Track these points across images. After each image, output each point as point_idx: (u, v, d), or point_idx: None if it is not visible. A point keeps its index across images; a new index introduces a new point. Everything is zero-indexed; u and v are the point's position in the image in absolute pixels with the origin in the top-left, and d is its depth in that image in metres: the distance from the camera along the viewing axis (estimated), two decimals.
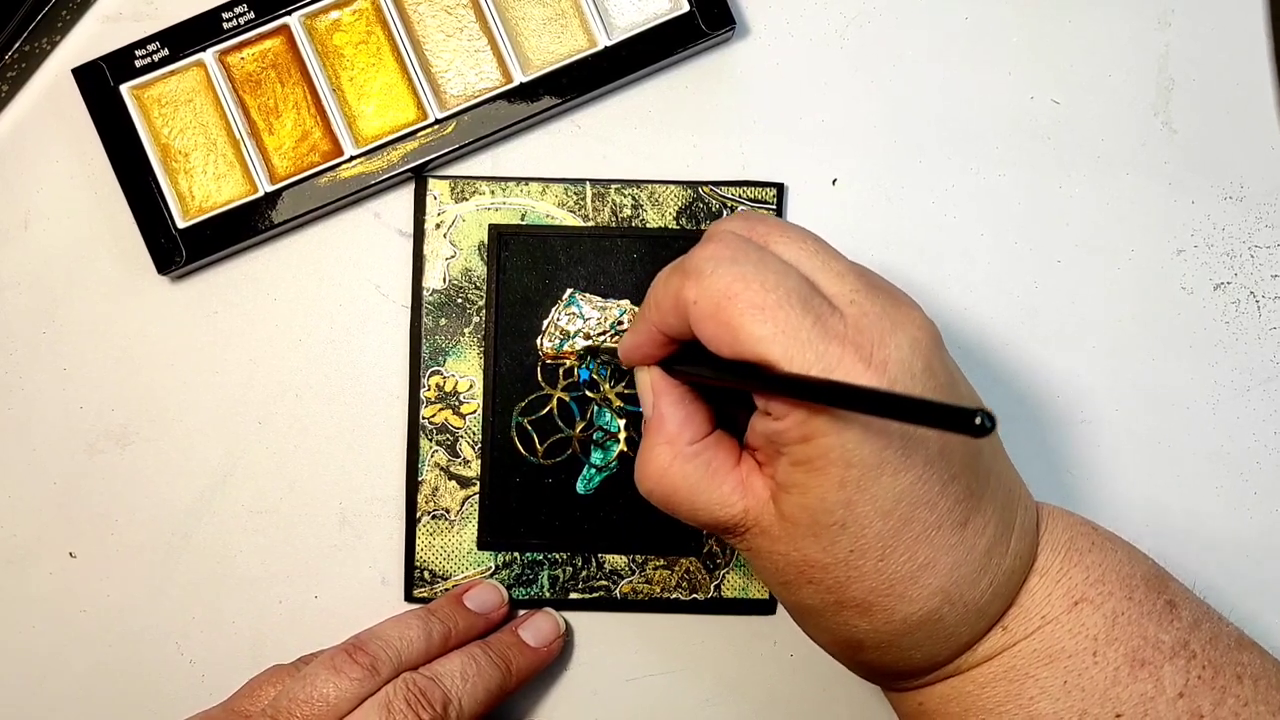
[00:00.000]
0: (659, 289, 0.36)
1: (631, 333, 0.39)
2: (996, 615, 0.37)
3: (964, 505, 0.35)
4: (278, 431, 0.47)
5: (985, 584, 0.36)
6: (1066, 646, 0.36)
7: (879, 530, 0.34)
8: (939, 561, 0.35)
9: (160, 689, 0.47)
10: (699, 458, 0.37)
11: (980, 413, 0.26)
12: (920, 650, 0.36)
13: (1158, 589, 0.37)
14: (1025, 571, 0.37)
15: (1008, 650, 0.37)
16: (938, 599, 0.35)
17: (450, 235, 0.47)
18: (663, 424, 0.38)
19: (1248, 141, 0.48)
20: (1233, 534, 0.47)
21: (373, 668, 0.41)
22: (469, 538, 0.46)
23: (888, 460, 0.33)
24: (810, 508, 0.34)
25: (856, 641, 0.37)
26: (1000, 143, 0.48)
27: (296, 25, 0.46)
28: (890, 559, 0.34)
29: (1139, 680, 0.36)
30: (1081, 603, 0.36)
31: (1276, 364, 0.47)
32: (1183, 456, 0.47)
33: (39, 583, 0.47)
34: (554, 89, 0.46)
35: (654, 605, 0.47)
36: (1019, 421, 0.47)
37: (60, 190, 0.47)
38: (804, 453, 0.34)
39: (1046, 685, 0.36)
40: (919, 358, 0.34)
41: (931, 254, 0.47)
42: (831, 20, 0.48)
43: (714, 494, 0.37)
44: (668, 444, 0.38)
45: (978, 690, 0.37)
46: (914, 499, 0.34)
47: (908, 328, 0.34)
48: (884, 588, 0.35)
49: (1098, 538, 0.38)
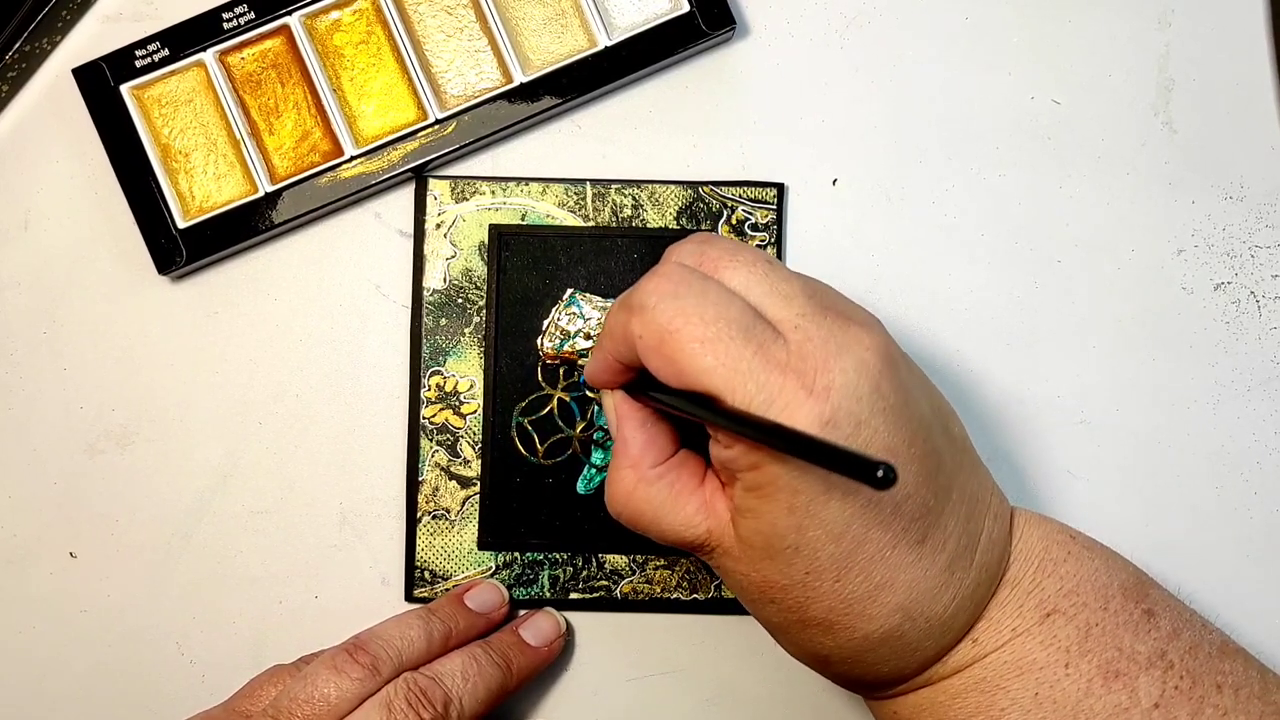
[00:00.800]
0: (610, 321, 0.37)
1: (592, 359, 0.40)
2: (963, 628, 0.36)
3: (920, 523, 0.35)
4: (278, 431, 0.47)
5: (948, 599, 0.35)
6: (1038, 658, 0.36)
7: (831, 553, 0.34)
8: (896, 580, 0.35)
9: (160, 689, 0.47)
10: (662, 480, 0.38)
11: (882, 465, 0.27)
12: (886, 664, 0.37)
13: (1135, 598, 0.37)
14: (993, 583, 0.37)
15: (978, 662, 0.37)
16: (898, 616, 0.35)
17: (450, 235, 0.47)
18: (626, 448, 0.39)
19: (1248, 141, 0.48)
20: (1233, 534, 0.47)
21: (374, 667, 0.41)
22: (469, 538, 0.46)
23: (835, 485, 0.33)
24: (764, 532, 0.35)
25: (823, 656, 0.37)
26: (1000, 143, 0.48)
27: (297, 25, 0.46)
28: (846, 580, 0.34)
29: (1113, 692, 0.35)
30: (1054, 614, 0.36)
31: (1276, 364, 0.47)
32: (1183, 456, 0.47)
33: (39, 583, 0.47)
34: (554, 89, 0.46)
35: (654, 605, 0.47)
36: (1018, 422, 0.47)
37: (60, 190, 0.47)
38: (754, 479, 0.34)
39: (1017, 697, 0.36)
40: (865, 380, 0.33)
41: (931, 254, 0.47)
42: (831, 20, 0.48)
43: (678, 516, 0.37)
44: (631, 468, 0.38)
45: (949, 701, 0.37)
46: (865, 521, 0.34)
47: (854, 350, 0.34)
48: (843, 607, 0.35)
49: (1074, 547, 0.38)
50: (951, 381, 0.47)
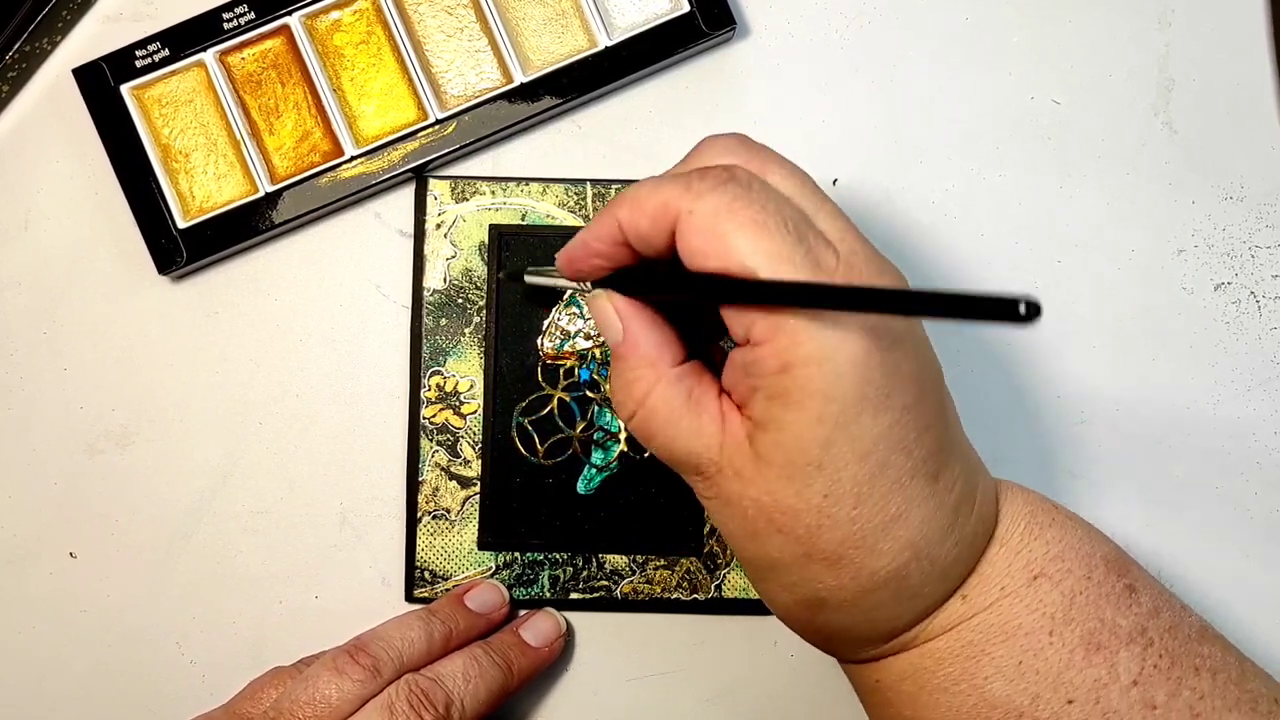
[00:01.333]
0: (643, 192, 0.34)
1: (586, 233, 0.36)
2: (959, 579, 0.36)
3: (936, 458, 0.34)
4: (278, 431, 0.47)
5: (952, 542, 0.35)
6: (1024, 623, 0.35)
7: (855, 474, 0.33)
8: (911, 514, 0.34)
9: (160, 689, 0.47)
10: (682, 383, 0.35)
11: (1022, 299, 0.25)
12: (883, 610, 0.35)
13: (1118, 571, 0.37)
14: (987, 536, 0.36)
15: (965, 623, 0.36)
16: (907, 554, 0.34)
17: (451, 235, 0.47)
18: (636, 347, 0.36)
19: (1248, 141, 0.48)
20: (1233, 534, 0.47)
21: (375, 669, 0.41)
22: (469, 538, 0.46)
23: (868, 398, 0.32)
24: (786, 446, 0.33)
25: (819, 600, 0.35)
26: (1000, 143, 0.48)
27: (297, 25, 0.46)
28: (864, 507, 0.33)
29: (1093, 665, 0.35)
30: (1040, 577, 0.36)
31: (1276, 364, 0.47)
32: (1183, 456, 0.47)
33: (39, 583, 0.47)
34: (554, 89, 0.46)
35: (654, 605, 0.47)
36: (1019, 421, 0.47)
37: (60, 190, 0.47)
38: (781, 385, 0.32)
39: (1001, 664, 0.35)
40: None
41: (932, 254, 0.47)
42: (831, 20, 0.48)
43: (694, 422, 0.35)
44: (650, 367, 0.35)
45: (933, 666, 0.36)
46: (891, 443, 0.33)
47: (893, 275, 0.34)
48: (854, 539, 0.34)
49: (1057, 514, 0.38)
50: (952, 381, 0.47)
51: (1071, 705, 0.35)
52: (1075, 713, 0.35)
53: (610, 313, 0.36)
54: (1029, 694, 0.35)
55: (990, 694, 0.35)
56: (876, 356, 0.32)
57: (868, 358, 0.32)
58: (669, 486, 0.46)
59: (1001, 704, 0.35)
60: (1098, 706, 0.35)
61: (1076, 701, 0.35)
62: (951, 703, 0.36)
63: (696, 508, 0.46)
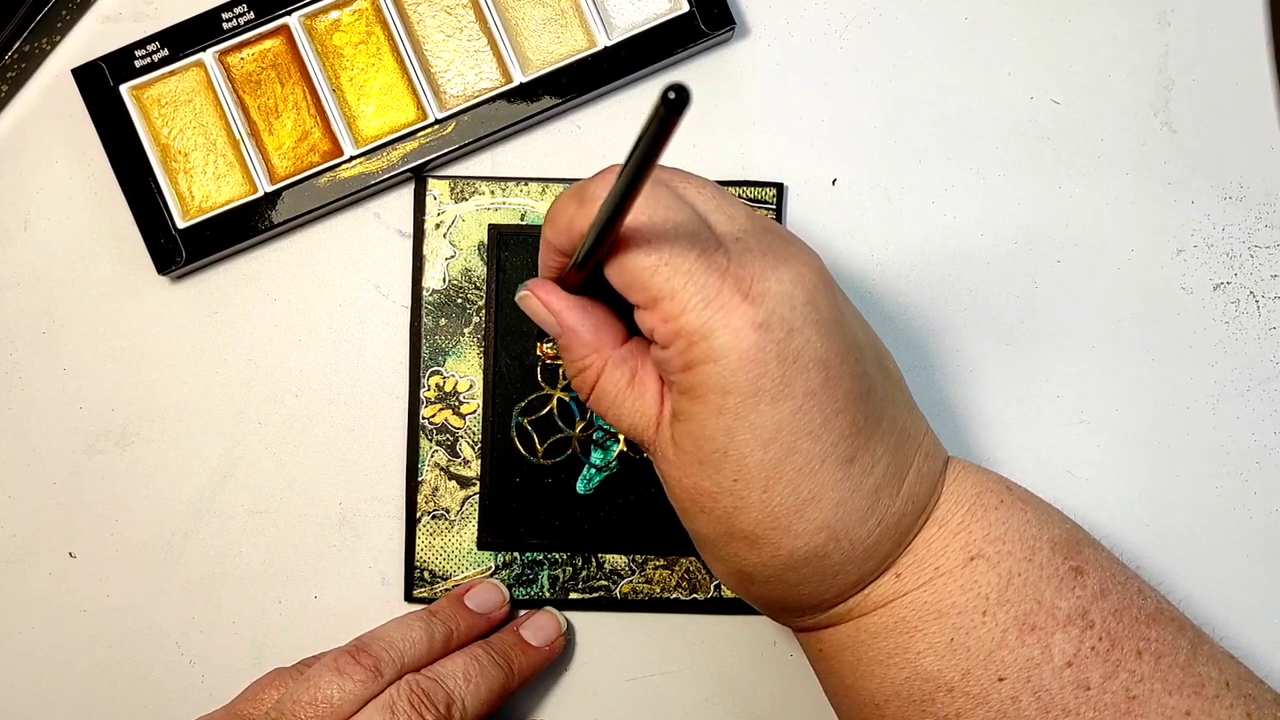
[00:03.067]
0: (556, 209, 0.37)
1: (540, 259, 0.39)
2: (886, 557, 0.37)
3: (849, 441, 0.35)
4: (278, 431, 0.47)
5: (873, 524, 0.36)
6: (957, 602, 0.36)
7: (760, 459, 0.34)
8: (824, 496, 0.35)
9: (160, 689, 0.47)
10: (625, 364, 0.38)
11: (672, 85, 0.26)
12: (807, 586, 0.37)
13: (1065, 554, 0.37)
14: (919, 517, 0.37)
15: (899, 599, 0.37)
16: (823, 535, 0.35)
17: (450, 235, 0.47)
18: (577, 334, 0.38)
19: (1248, 141, 0.48)
20: (1233, 534, 0.47)
21: (376, 669, 0.41)
22: (469, 538, 0.46)
23: (765, 389, 0.34)
24: (694, 435, 0.35)
25: (747, 574, 0.37)
26: (1000, 143, 0.48)
27: (296, 25, 0.46)
28: (774, 490, 0.35)
29: (1026, 645, 0.36)
30: (977, 559, 0.37)
31: (1276, 364, 0.47)
32: (1183, 456, 0.47)
33: (39, 583, 0.47)
34: (554, 89, 0.46)
35: (654, 605, 0.47)
36: (1018, 422, 0.47)
37: (60, 190, 0.47)
38: (687, 381, 0.34)
39: (933, 640, 0.36)
40: (800, 291, 0.34)
41: (931, 254, 0.47)
42: (831, 20, 0.48)
43: (638, 402, 0.37)
44: (594, 351, 0.38)
45: (869, 640, 0.37)
46: (795, 429, 0.34)
47: (792, 265, 0.35)
48: (769, 521, 0.35)
49: (1008, 497, 0.38)
50: (951, 381, 0.47)
51: (1003, 683, 0.36)
52: (1005, 690, 0.36)
53: (542, 309, 0.39)
54: (960, 669, 0.36)
55: (922, 668, 0.37)
56: (771, 349, 0.33)
57: (760, 352, 0.33)
58: None
59: (933, 678, 0.36)
60: (1028, 685, 0.36)
61: (1008, 679, 0.36)
62: (886, 674, 0.37)
63: None
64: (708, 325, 0.33)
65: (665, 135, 0.28)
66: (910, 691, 0.37)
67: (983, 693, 0.36)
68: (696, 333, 0.33)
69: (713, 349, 0.33)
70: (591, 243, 0.34)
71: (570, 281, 0.38)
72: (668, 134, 0.28)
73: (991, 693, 0.36)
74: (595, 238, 0.34)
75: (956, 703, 0.36)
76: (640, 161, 0.29)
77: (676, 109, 0.26)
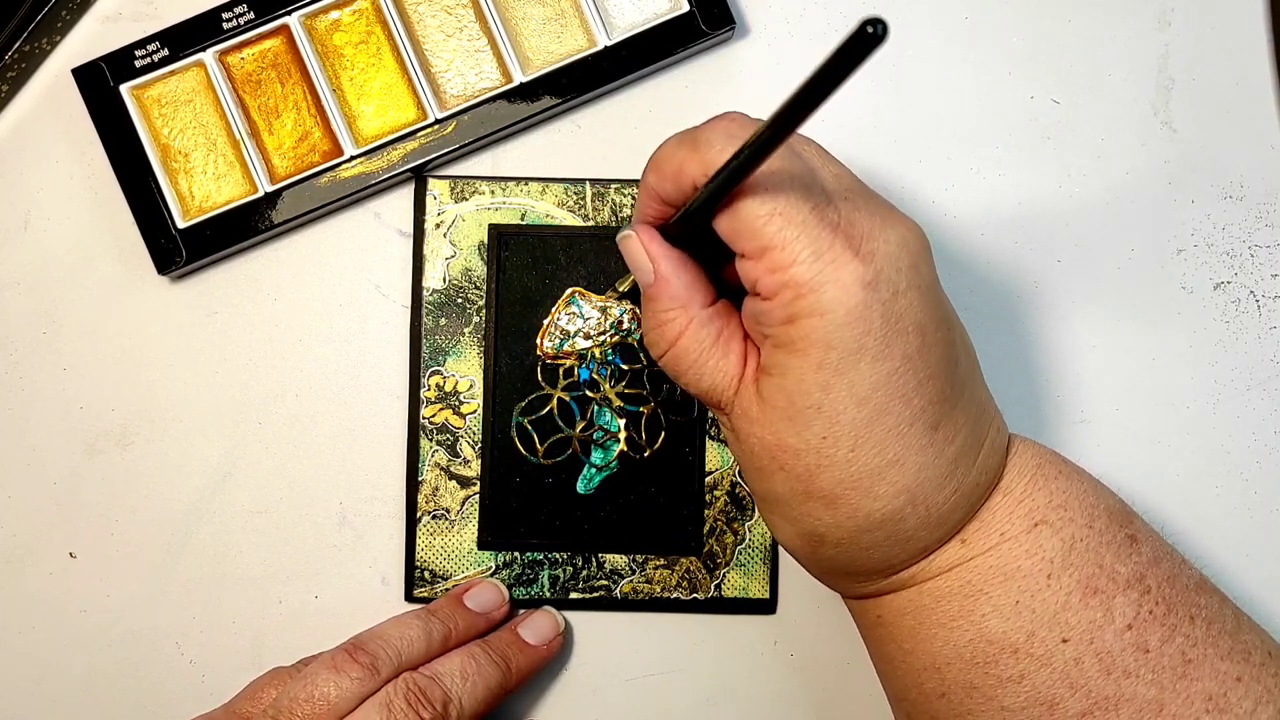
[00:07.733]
0: (664, 155, 0.37)
1: (638, 195, 0.39)
2: (956, 525, 0.37)
3: (937, 408, 0.35)
4: (278, 431, 0.47)
5: (950, 491, 0.36)
6: (1022, 566, 0.37)
7: (853, 418, 0.35)
8: (908, 460, 0.35)
9: (160, 689, 0.47)
10: (713, 324, 0.38)
11: (870, 19, 0.25)
12: (878, 550, 0.37)
13: (1120, 522, 0.38)
14: (990, 487, 0.37)
15: (964, 564, 0.37)
16: (902, 498, 0.36)
17: (450, 235, 0.47)
18: (667, 287, 0.38)
19: (1248, 141, 0.48)
20: (1233, 534, 0.47)
21: (373, 667, 0.41)
22: (469, 538, 0.46)
23: (867, 347, 0.34)
24: (788, 390, 0.35)
25: (819, 535, 0.37)
26: (1000, 143, 0.48)
27: (296, 25, 0.46)
28: (861, 450, 0.35)
29: (1089, 608, 0.36)
30: (1041, 524, 0.37)
31: (1276, 364, 0.47)
32: (1183, 456, 0.47)
33: (39, 583, 0.47)
34: (554, 89, 0.46)
35: (654, 605, 0.47)
36: (1019, 422, 0.47)
37: (60, 190, 0.47)
38: (787, 335, 0.34)
39: (999, 603, 0.37)
40: (906, 255, 0.35)
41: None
42: (831, 20, 0.48)
43: (721, 362, 0.37)
44: (682, 308, 0.38)
45: (933, 604, 0.38)
46: (890, 389, 0.34)
47: (898, 227, 0.35)
48: (851, 480, 0.35)
49: (1065, 468, 0.39)
50: None
51: (1066, 644, 0.36)
52: (1069, 651, 0.36)
53: (641, 253, 0.38)
54: (1025, 630, 0.36)
55: (987, 630, 0.37)
56: (876, 308, 0.34)
57: (867, 310, 0.34)
58: (669, 486, 0.46)
59: (998, 639, 0.37)
60: (1091, 646, 0.36)
61: (1071, 640, 0.36)
62: (950, 637, 0.37)
63: (696, 507, 0.46)
64: (817, 279, 0.33)
65: (847, 72, 0.26)
66: (974, 654, 0.37)
67: (1047, 654, 0.36)
68: (805, 285, 0.33)
69: (820, 303, 0.34)
70: (715, 188, 0.34)
71: (671, 231, 0.38)
72: (850, 70, 0.26)
73: (1056, 654, 0.36)
74: (722, 183, 0.34)
75: (1020, 664, 0.36)
76: (808, 99, 0.28)
77: (872, 44, 0.25)
